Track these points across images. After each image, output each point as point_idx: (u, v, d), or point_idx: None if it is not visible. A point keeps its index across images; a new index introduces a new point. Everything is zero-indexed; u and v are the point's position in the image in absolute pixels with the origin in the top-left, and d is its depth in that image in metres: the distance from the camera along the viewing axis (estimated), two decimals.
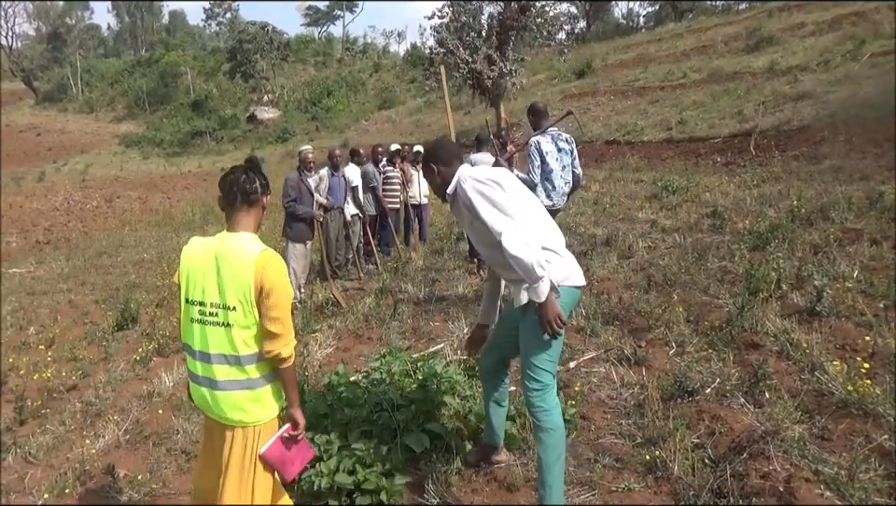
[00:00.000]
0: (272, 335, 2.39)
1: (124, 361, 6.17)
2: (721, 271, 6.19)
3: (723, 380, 3.96)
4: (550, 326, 2.70)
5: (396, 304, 6.60)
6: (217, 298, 2.41)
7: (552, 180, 5.60)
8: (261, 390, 2.49)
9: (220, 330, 2.41)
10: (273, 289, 2.37)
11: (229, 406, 2.46)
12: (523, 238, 2.63)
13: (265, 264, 2.37)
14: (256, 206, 2.52)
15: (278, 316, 2.39)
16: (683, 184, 11.37)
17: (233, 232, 2.48)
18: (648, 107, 22.01)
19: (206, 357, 2.46)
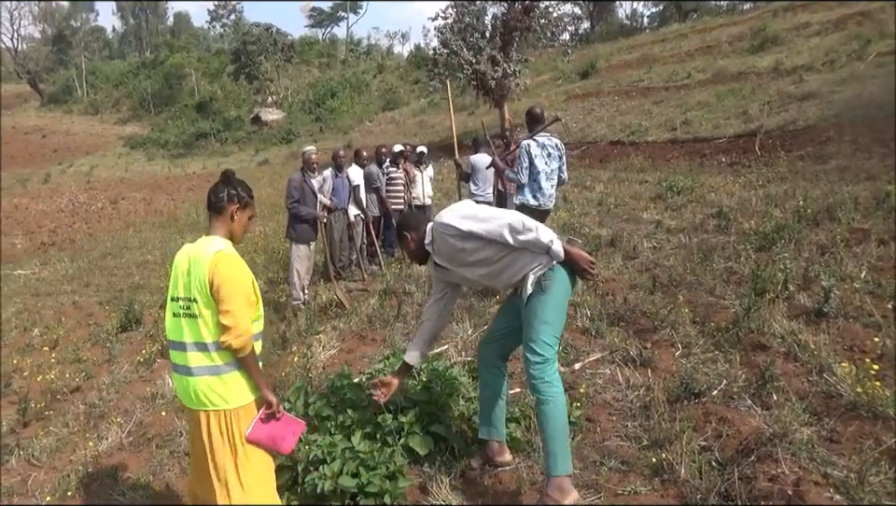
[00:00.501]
0: (223, 327, 2.64)
1: (128, 363, 6.17)
2: (727, 271, 6.14)
3: (730, 382, 3.92)
4: (587, 269, 3.07)
5: (400, 305, 6.58)
6: (187, 292, 2.72)
7: (538, 182, 5.98)
8: (227, 376, 2.72)
9: (191, 321, 2.71)
10: (222, 285, 2.63)
11: (201, 390, 2.71)
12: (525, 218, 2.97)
13: (217, 263, 2.66)
14: (224, 214, 2.83)
15: (228, 310, 2.63)
16: (688, 184, 11.31)
17: (207, 236, 2.83)
18: (652, 108, 21.93)
19: (182, 346, 2.74)
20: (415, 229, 3.30)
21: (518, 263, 3.05)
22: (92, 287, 10.08)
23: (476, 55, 27.19)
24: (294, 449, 3.03)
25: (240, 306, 2.66)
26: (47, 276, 11.32)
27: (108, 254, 13.31)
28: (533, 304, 3.01)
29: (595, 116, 24.01)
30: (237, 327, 2.62)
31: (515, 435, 3.54)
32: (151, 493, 3.70)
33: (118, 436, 4.50)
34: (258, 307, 2.85)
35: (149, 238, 15.54)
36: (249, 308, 2.72)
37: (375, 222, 9.35)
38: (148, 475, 3.87)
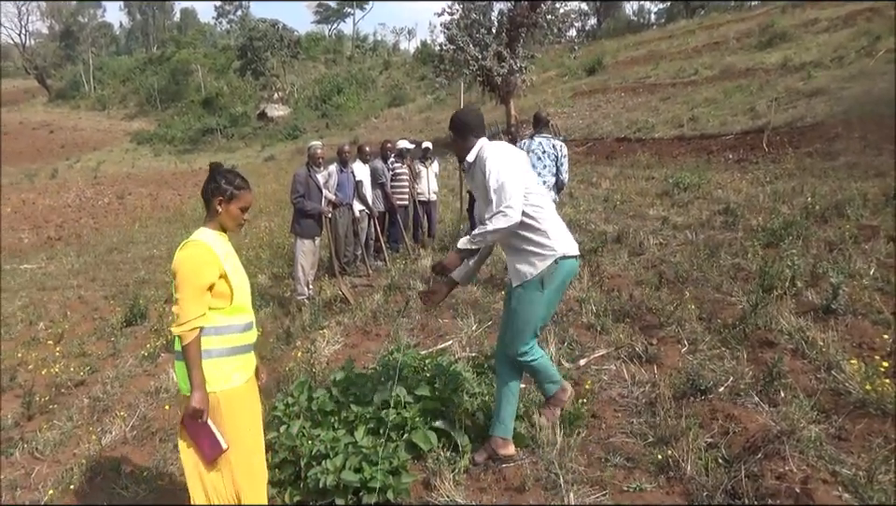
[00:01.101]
0: (173, 313, 2.71)
1: (132, 357, 6.16)
2: (734, 268, 6.09)
3: (737, 379, 3.88)
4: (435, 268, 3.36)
5: (407, 301, 6.55)
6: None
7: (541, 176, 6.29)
8: (219, 359, 2.71)
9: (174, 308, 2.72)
10: (175, 273, 2.67)
11: (177, 375, 2.77)
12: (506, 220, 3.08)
13: (177, 253, 2.69)
14: (210, 207, 2.81)
15: (177, 298, 2.65)
16: (695, 181, 11.25)
17: (202, 229, 2.82)
18: (659, 104, 21.83)
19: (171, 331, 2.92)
20: (467, 137, 3.38)
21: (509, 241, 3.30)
22: (98, 281, 10.09)
23: (482, 51, 27.11)
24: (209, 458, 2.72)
25: (188, 296, 2.60)
26: (53, 271, 11.34)
27: (114, 249, 13.33)
28: (516, 299, 3.31)
29: (602, 112, 23.92)
30: (180, 316, 2.60)
31: (520, 431, 3.50)
32: (154, 487, 3.69)
33: (121, 430, 4.49)
34: (236, 304, 2.75)
35: (155, 233, 15.56)
36: (199, 299, 2.61)
37: (380, 218, 9.32)
38: (152, 469, 3.86)
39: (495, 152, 3.27)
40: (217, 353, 2.69)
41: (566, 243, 3.28)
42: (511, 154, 3.33)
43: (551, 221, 3.27)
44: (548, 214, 3.29)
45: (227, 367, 2.72)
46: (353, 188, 8.39)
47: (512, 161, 3.26)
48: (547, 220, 3.25)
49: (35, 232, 18.06)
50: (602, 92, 26.89)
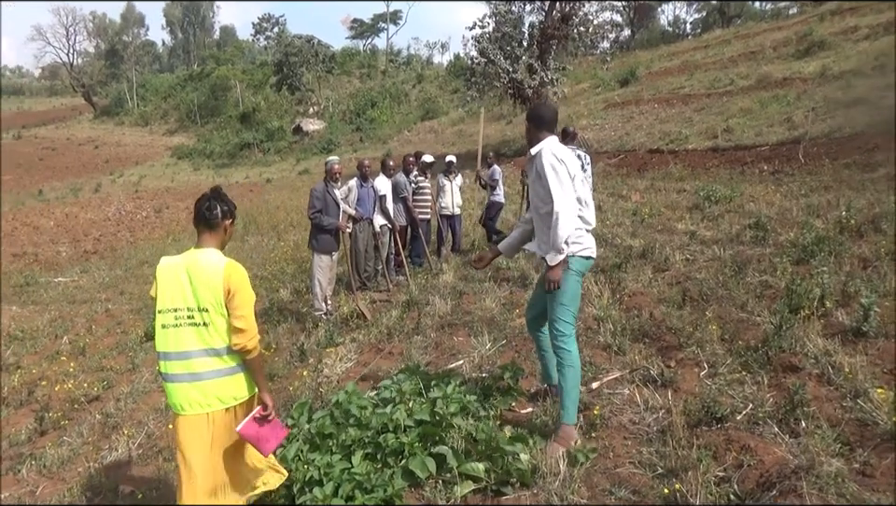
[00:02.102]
0: (237, 330, 2.83)
1: (149, 372, 6.17)
2: (762, 285, 5.84)
3: (756, 406, 3.67)
4: (550, 284, 3.57)
5: (419, 318, 6.45)
6: (193, 303, 2.84)
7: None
8: (239, 375, 2.94)
9: (197, 330, 2.84)
10: (237, 292, 2.83)
11: (210, 394, 2.88)
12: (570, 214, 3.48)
13: (231, 273, 2.85)
14: (217, 229, 2.99)
15: (243, 315, 2.83)
16: (727, 193, 10.93)
17: (200, 249, 2.95)
18: (693, 115, 21.42)
19: (185, 355, 2.86)
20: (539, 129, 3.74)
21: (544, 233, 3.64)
22: (126, 295, 10.22)
23: (513, 64, 27.07)
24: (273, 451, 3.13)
25: (251, 312, 2.88)
26: (84, 284, 11.55)
27: (145, 262, 13.52)
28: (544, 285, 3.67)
29: (635, 124, 23.57)
30: (250, 330, 2.84)
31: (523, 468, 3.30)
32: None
33: (127, 448, 4.47)
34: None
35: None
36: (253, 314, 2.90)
37: (402, 232, 9.26)
38: (151, 490, 3.81)
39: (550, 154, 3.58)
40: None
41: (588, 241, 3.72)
42: (564, 159, 3.60)
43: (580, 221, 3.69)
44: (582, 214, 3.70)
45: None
46: (373, 202, 8.34)
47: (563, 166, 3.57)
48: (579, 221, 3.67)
49: (73, 246, 18.49)
50: (635, 104, 26.51)
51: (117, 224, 23.86)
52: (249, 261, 12.05)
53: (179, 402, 2.94)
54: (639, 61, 35.98)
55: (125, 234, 20.46)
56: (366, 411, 3.80)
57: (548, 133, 3.73)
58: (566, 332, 3.63)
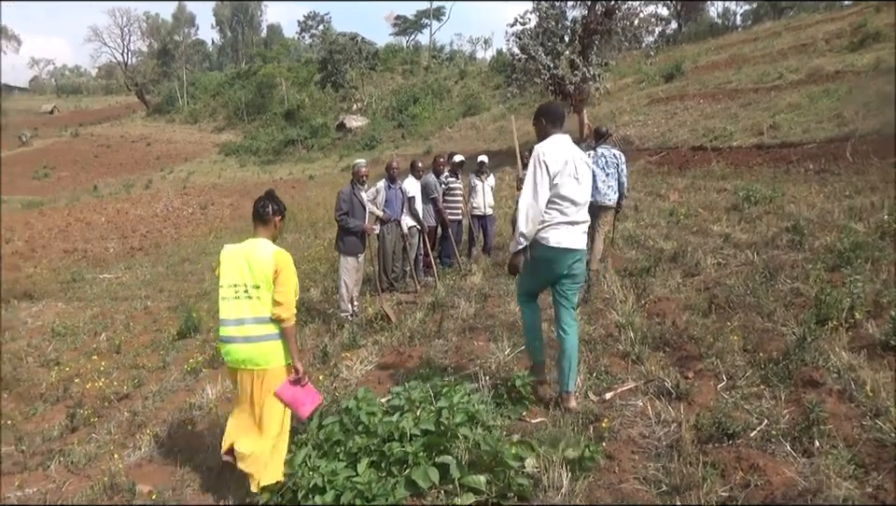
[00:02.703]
0: (277, 303, 3.60)
1: (178, 371, 6.34)
2: (792, 293, 5.67)
3: (771, 422, 3.57)
4: (509, 269, 4.20)
5: (441, 321, 6.45)
6: (249, 280, 3.60)
7: (595, 184, 7.18)
8: (279, 341, 3.65)
9: (251, 302, 3.60)
10: (281, 272, 3.61)
11: (259, 354, 3.61)
12: (528, 212, 3.90)
13: (279, 258, 3.62)
14: (269, 224, 3.79)
15: (283, 291, 3.60)
16: (768, 194, 10.64)
17: (256, 239, 3.73)
18: (739, 111, 20.86)
19: (242, 321, 3.61)
20: (548, 126, 4.13)
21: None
22: (165, 292, 10.51)
23: (554, 60, 26.76)
24: (309, 416, 3.81)
25: (291, 290, 3.65)
26: (127, 281, 11.92)
27: (186, 259, 13.89)
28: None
29: (678, 120, 23.09)
30: (287, 304, 3.60)
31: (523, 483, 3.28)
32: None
33: (150, 446, 4.60)
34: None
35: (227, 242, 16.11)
36: (294, 293, 3.68)
37: (431, 232, 9.28)
38: (167, 490, 3.92)
39: (534, 157, 3.95)
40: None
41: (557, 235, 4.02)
42: (557, 156, 3.94)
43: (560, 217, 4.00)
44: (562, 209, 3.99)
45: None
46: (401, 204, 8.38)
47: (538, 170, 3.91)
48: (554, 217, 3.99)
49: (121, 242, 19.09)
50: (679, 99, 25.97)
51: (163, 220, 24.54)
52: None
53: (232, 360, 3.68)
54: (685, 54, 35.20)
55: (170, 231, 21.03)
56: (375, 418, 3.83)
57: (555, 131, 4.11)
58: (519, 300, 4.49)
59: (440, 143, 40.71)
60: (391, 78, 68.85)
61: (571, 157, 4.00)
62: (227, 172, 52.39)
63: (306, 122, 59.08)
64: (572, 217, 4.01)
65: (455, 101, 56.55)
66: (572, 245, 4.03)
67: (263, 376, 3.64)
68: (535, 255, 4.07)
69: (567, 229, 4.01)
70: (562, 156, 3.94)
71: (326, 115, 60.66)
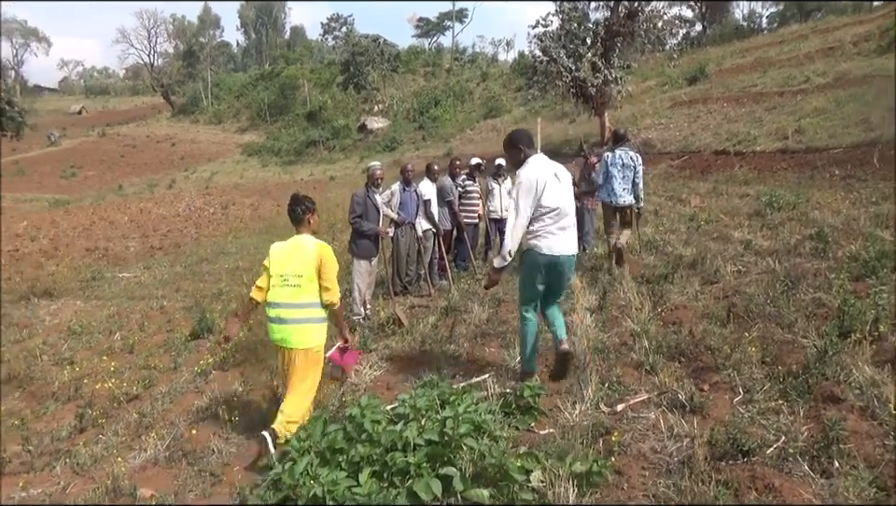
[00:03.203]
0: (325, 289, 4.26)
1: (188, 372, 6.32)
2: (814, 304, 5.49)
3: (789, 439, 3.43)
4: (490, 281, 4.79)
5: (453, 327, 6.37)
6: (295, 270, 4.21)
7: (612, 185, 7.94)
8: (321, 324, 4.33)
9: (298, 289, 4.21)
10: (325, 263, 4.22)
11: (294, 335, 4.21)
12: (515, 233, 4.42)
13: (321, 251, 4.25)
14: (303, 222, 4.38)
15: (329, 279, 4.25)
16: (791, 200, 10.41)
17: (299, 236, 4.35)
18: (763, 115, 20.54)
19: (284, 306, 4.21)
20: (523, 151, 4.54)
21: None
22: (182, 292, 10.54)
23: (576, 62, 26.59)
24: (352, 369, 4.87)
25: (335, 277, 4.28)
26: (145, 280, 11.98)
27: (205, 259, 13.94)
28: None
29: (701, 123, 22.81)
30: (334, 289, 4.27)
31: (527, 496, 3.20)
32: None
33: (156, 449, 4.56)
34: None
35: (246, 244, 16.18)
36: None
37: (447, 236, 9.20)
38: (170, 495, 3.88)
39: (522, 179, 4.41)
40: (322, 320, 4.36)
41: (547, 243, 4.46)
42: (534, 185, 4.37)
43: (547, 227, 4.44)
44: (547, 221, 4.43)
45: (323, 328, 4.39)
46: (416, 206, 8.31)
47: (528, 190, 4.37)
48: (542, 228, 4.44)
49: (142, 241, 19.26)
50: (703, 102, 25.65)
51: (185, 220, 24.73)
52: None
53: (274, 338, 4.27)
54: (710, 57, 34.80)
55: (191, 231, 21.17)
56: (379, 426, 3.75)
57: (531, 152, 4.56)
58: (522, 310, 4.72)
59: (460, 145, 40.66)
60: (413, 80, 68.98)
61: (552, 171, 4.48)
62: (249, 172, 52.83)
63: (328, 123, 59.39)
64: (560, 223, 4.45)
65: (477, 103, 56.50)
66: (563, 251, 4.47)
67: (295, 355, 4.20)
68: (530, 263, 4.52)
69: (557, 237, 4.45)
70: (543, 174, 4.40)
71: (347, 116, 60.94)
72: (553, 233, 4.44)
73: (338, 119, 59.68)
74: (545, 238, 4.42)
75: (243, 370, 6.18)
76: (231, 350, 6.56)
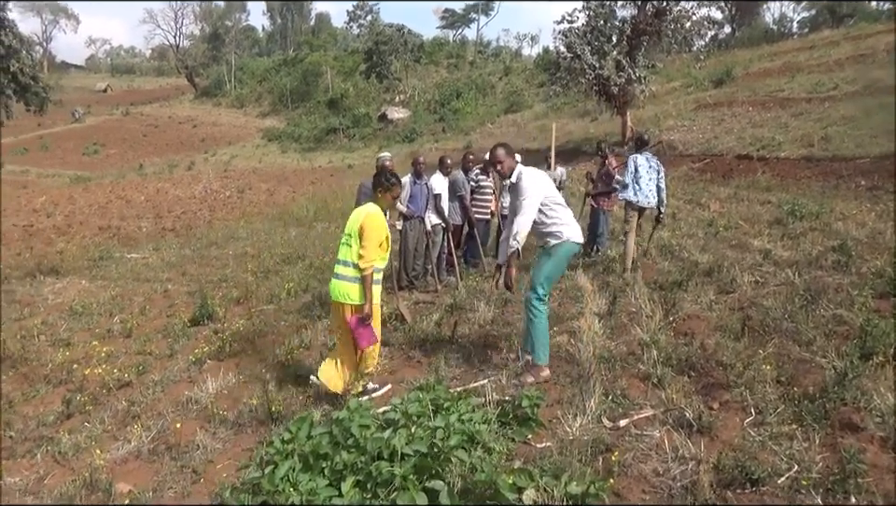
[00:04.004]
0: (360, 255, 4.48)
1: (184, 360, 6.18)
2: (834, 321, 5.22)
3: (802, 469, 3.20)
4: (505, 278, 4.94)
5: (455, 326, 6.16)
6: (348, 230, 4.65)
7: (640, 185, 7.93)
8: (355, 284, 4.52)
9: (346, 248, 4.63)
10: (364, 229, 4.50)
11: (339, 290, 4.58)
12: (524, 232, 4.63)
13: (366, 218, 4.55)
14: (375, 194, 4.83)
15: (365, 245, 4.47)
16: (814, 209, 10.08)
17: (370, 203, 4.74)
18: (789, 120, 20.07)
19: (340, 262, 4.64)
20: (512, 160, 4.86)
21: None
22: (187, 276, 10.41)
23: (600, 59, 26.19)
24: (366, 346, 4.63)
25: (373, 246, 4.48)
26: (152, 262, 11.88)
27: (214, 243, 13.82)
28: (540, 261, 4.91)
29: (725, 127, 22.36)
30: (367, 256, 4.45)
31: None
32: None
33: (140, 441, 4.41)
34: (385, 255, 4.70)
35: (257, 230, 16.05)
36: (378, 248, 4.52)
37: (457, 231, 8.99)
38: (147, 491, 3.73)
39: (527, 179, 4.74)
40: (375, 282, 4.60)
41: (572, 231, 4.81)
42: (539, 182, 4.77)
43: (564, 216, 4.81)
44: (561, 212, 4.82)
45: (377, 289, 4.65)
46: (425, 200, 8.11)
47: (537, 186, 4.71)
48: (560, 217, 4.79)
49: (155, 222, 19.21)
50: (727, 106, 25.14)
51: (200, 202, 24.69)
52: (311, 249, 12.09)
53: (333, 293, 4.63)
54: (737, 60, 34.18)
55: (205, 213, 21.11)
56: (367, 431, 3.57)
57: (517, 163, 4.92)
58: (542, 295, 4.79)
59: (480, 138, 40.32)
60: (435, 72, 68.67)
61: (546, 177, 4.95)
62: (268, 157, 52.90)
63: (349, 112, 59.30)
64: (570, 215, 4.91)
65: (499, 97, 56.11)
66: (580, 238, 4.90)
67: (341, 309, 4.60)
68: (566, 251, 4.80)
69: (573, 226, 4.84)
70: (543, 175, 4.91)
71: (368, 105, 60.80)
72: (572, 222, 4.83)
73: (359, 108, 59.55)
74: (570, 226, 4.78)
75: (238, 361, 6.02)
76: (228, 339, 6.42)
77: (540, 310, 4.75)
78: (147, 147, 59.85)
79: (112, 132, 65.00)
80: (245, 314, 7.57)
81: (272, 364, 5.79)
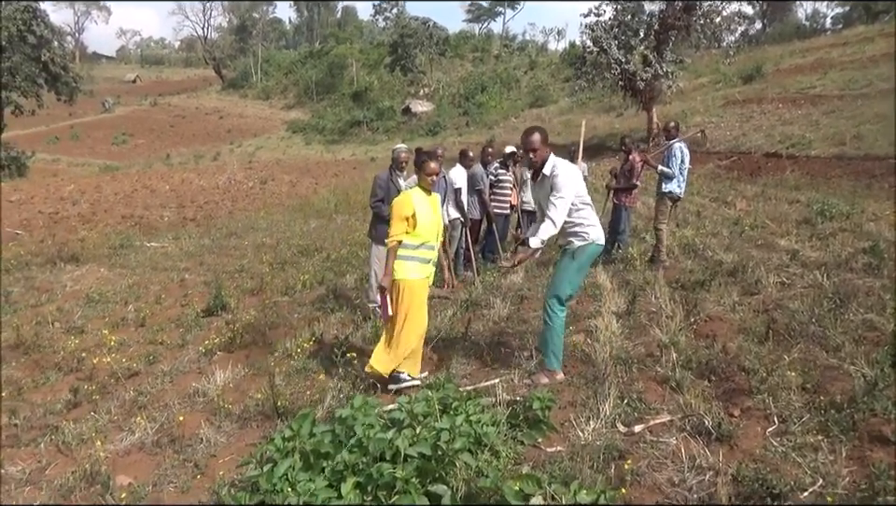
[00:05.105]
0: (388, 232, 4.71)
1: (194, 351, 6.12)
2: (864, 326, 4.99)
3: (828, 483, 3.02)
4: (519, 260, 4.76)
5: (469, 323, 6.03)
6: None
7: (685, 176, 7.86)
8: (399, 260, 4.64)
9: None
10: (393, 207, 4.69)
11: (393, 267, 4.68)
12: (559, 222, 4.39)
13: (398, 197, 4.82)
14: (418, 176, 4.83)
15: (391, 222, 4.66)
16: (845, 209, 9.76)
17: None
18: (821, 118, 19.59)
19: None
20: (546, 149, 4.55)
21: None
22: (205, 266, 10.40)
23: (627, 54, 25.80)
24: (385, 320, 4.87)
25: (394, 222, 4.62)
26: (171, 251, 11.90)
27: (233, 234, 13.82)
28: (562, 262, 4.68)
29: (753, 124, 21.90)
30: (391, 231, 4.62)
31: None
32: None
33: (144, 432, 4.35)
34: (417, 231, 4.62)
35: (277, 221, 16.04)
36: (401, 224, 4.60)
37: (475, 225, 8.84)
38: (148, 485, 3.66)
39: (564, 175, 4.44)
40: (402, 256, 4.64)
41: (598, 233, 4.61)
42: (574, 176, 4.50)
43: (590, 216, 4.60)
44: (589, 212, 4.59)
45: (408, 264, 4.66)
46: (443, 193, 7.95)
47: (573, 183, 4.46)
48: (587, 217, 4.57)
49: (177, 211, 19.31)
50: (757, 102, 24.63)
51: (223, 193, 24.80)
52: (330, 241, 12.04)
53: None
54: (767, 56, 33.49)
55: (227, 204, 21.18)
56: (371, 431, 3.45)
57: (549, 153, 4.59)
58: (562, 298, 4.62)
59: (504, 133, 40.05)
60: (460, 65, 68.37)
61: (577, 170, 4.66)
62: (292, 149, 53.15)
63: (373, 104, 59.30)
64: (595, 215, 4.70)
65: (523, 91, 55.69)
66: (603, 240, 4.72)
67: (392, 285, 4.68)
68: (591, 253, 4.63)
69: (598, 227, 4.65)
70: (577, 170, 4.63)
71: (393, 98, 60.74)
72: (597, 223, 4.67)
73: (383, 101, 59.51)
74: (596, 227, 4.61)
75: (248, 353, 5.95)
76: (239, 331, 6.36)
77: (559, 315, 4.59)
78: (175, 138, 60.49)
79: (140, 122, 65.80)
80: (259, 305, 7.51)
81: (281, 357, 5.71)
